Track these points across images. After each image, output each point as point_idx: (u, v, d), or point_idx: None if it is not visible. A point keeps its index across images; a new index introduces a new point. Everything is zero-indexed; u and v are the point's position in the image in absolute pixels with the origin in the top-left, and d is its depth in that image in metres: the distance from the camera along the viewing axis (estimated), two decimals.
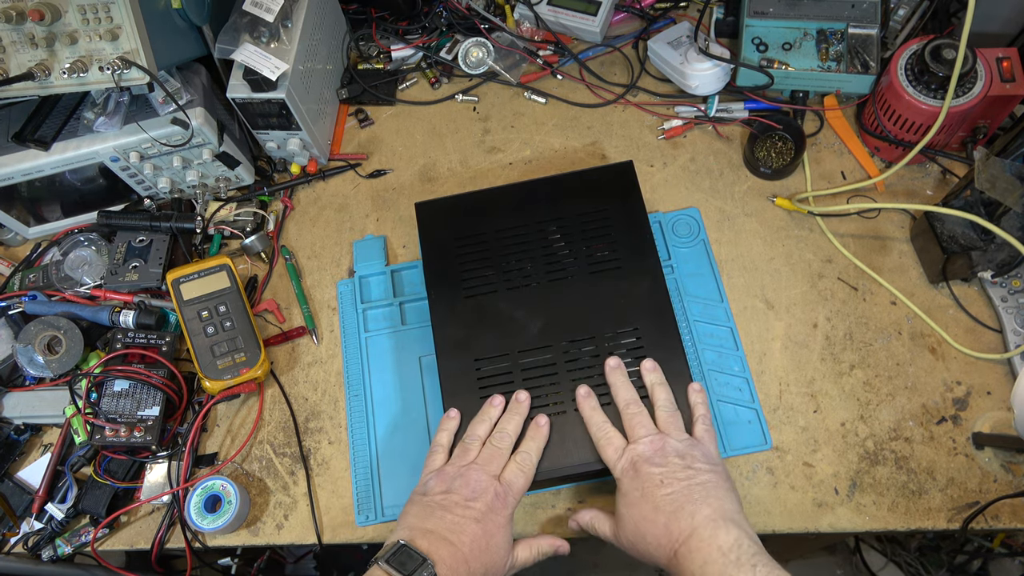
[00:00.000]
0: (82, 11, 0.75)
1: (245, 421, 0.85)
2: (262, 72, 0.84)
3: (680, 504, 0.63)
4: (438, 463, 0.71)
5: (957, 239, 0.79)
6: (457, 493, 0.67)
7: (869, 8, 0.90)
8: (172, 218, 0.92)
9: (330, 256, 0.94)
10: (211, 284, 0.86)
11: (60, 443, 0.83)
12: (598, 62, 1.03)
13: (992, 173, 0.75)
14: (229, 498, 0.77)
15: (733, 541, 0.60)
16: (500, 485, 0.68)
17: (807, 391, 0.79)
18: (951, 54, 0.79)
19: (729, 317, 0.83)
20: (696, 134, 0.96)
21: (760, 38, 0.92)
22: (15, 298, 0.89)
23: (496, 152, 0.99)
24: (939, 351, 0.80)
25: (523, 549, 0.69)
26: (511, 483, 0.68)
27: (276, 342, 0.89)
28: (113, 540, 0.80)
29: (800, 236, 0.88)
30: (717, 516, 0.62)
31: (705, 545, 0.60)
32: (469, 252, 0.82)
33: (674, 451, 0.67)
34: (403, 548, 0.62)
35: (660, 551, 0.62)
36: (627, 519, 0.65)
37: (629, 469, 0.67)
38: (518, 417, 0.73)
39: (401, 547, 0.62)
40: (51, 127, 0.86)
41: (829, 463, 0.76)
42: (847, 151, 0.93)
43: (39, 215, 0.96)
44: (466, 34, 1.04)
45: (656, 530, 0.63)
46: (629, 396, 0.72)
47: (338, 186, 0.99)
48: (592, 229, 0.82)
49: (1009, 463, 0.74)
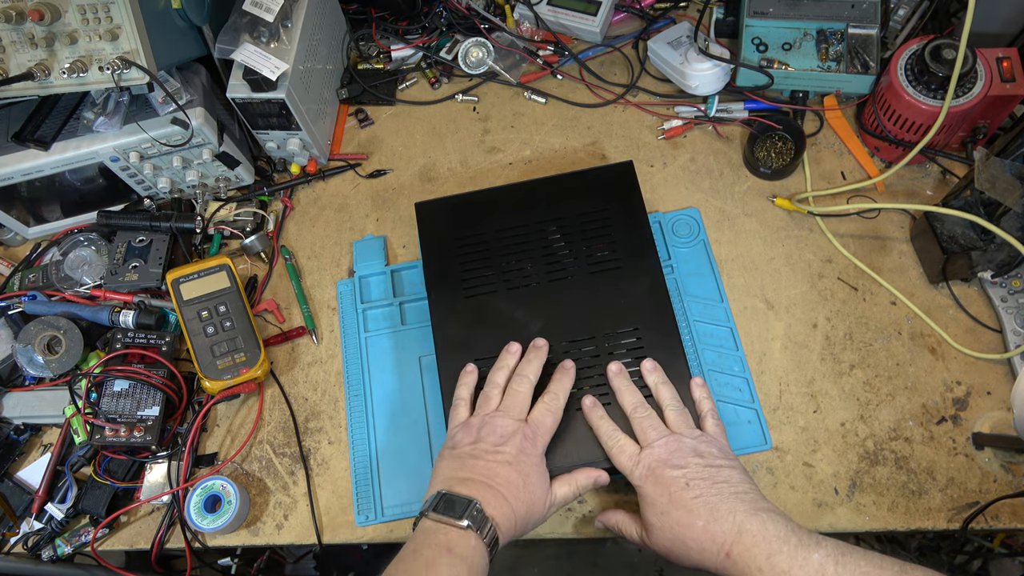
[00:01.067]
0: (82, 11, 0.75)
1: (245, 421, 0.85)
2: (262, 72, 0.84)
3: (714, 505, 0.62)
4: (462, 416, 0.71)
5: (957, 239, 0.79)
6: (485, 441, 0.67)
7: (869, 8, 0.90)
8: (172, 218, 0.92)
9: (330, 256, 0.94)
10: (211, 284, 0.86)
11: (60, 443, 0.83)
12: (598, 62, 1.03)
13: (992, 173, 0.75)
14: (229, 498, 0.77)
15: (783, 526, 0.60)
16: (527, 427, 0.68)
17: (807, 391, 0.79)
18: (951, 54, 0.79)
19: (729, 317, 0.83)
20: (696, 134, 0.96)
21: (760, 38, 0.92)
22: (15, 298, 0.89)
23: (496, 152, 0.99)
24: (939, 351, 0.80)
25: (561, 485, 0.69)
26: (539, 422, 0.69)
27: (276, 342, 0.89)
28: (113, 540, 0.80)
29: (800, 236, 0.88)
30: (755, 509, 0.61)
31: (761, 539, 0.59)
32: (469, 252, 0.82)
33: (691, 450, 0.66)
34: (444, 496, 0.63)
35: (707, 554, 0.62)
36: (661, 528, 0.64)
37: (648, 475, 0.66)
38: (537, 361, 0.73)
39: (442, 495, 0.63)
40: (51, 127, 0.86)
41: (829, 463, 0.76)
42: (847, 151, 0.93)
43: (39, 215, 0.96)
44: (466, 34, 1.04)
45: (696, 533, 0.62)
46: (635, 399, 0.71)
47: (338, 186, 0.99)
48: (592, 229, 0.82)
49: (1009, 463, 0.74)
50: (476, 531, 0.60)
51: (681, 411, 0.70)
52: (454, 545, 0.59)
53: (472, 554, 0.59)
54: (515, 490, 0.64)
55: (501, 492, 0.64)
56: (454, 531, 0.60)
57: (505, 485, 0.64)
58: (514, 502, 0.64)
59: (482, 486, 0.64)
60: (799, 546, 0.58)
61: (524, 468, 0.66)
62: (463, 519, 0.60)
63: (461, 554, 0.59)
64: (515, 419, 0.69)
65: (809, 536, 0.59)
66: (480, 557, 0.60)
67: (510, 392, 0.71)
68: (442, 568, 0.58)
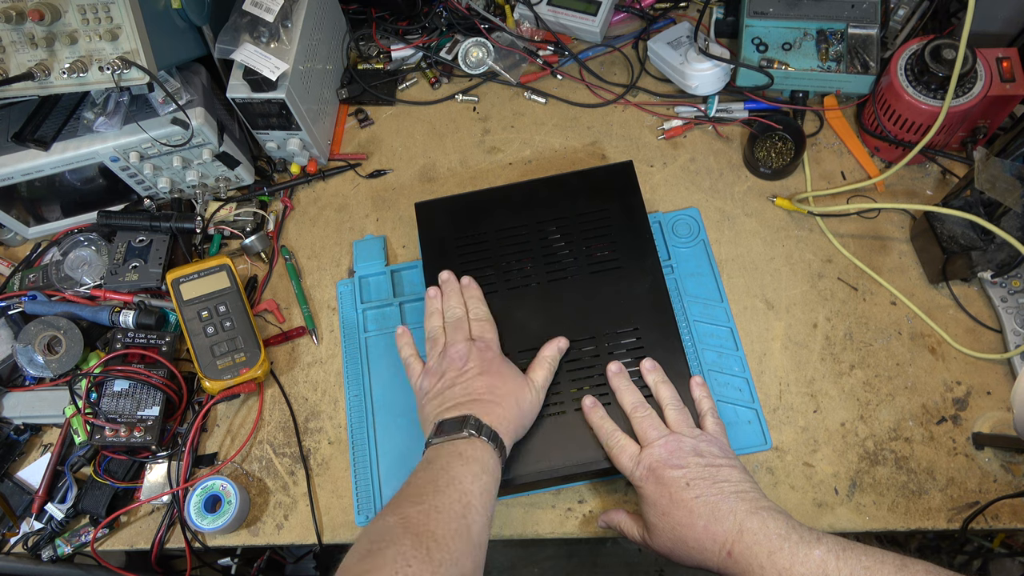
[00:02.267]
0: (82, 11, 0.75)
1: (245, 421, 0.85)
2: (262, 72, 0.84)
3: (715, 504, 0.62)
4: (418, 369, 0.76)
5: (957, 239, 0.79)
6: (450, 371, 0.72)
7: (869, 8, 0.90)
8: (172, 218, 0.92)
9: (330, 256, 0.94)
10: (211, 284, 0.86)
11: (60, 443, 0.83)
12: (598, 62, 1.03)
13: (992, 173, 0.75)
14: (229, 498, 0.77)
15: (784, 524, 0.60)
16: (476, 342, 0.74)
17: (807, 391, 0.79)
18: (951, 54, 0.79)
19: (729, 317, 0.83)
20: (696, 134, 0.96)
21: (760, 38, 0.92)
22: (15, 298, 0.89)
23: (496, 152, 0.99)
24: (939, 351, 0.80)
25: (535, 371, 0.73)
26: (481, 335, 0.75)
27: (276, 342, 0.89)
28: (113, 540, 0.80)
29: (800, 236, 0.88)
30: (756, 507, 0.62)
31: (762, 537, 0.59)
32: (469, 252, 0.82)
33: (691, 449, 0.66)
34: (441, 423, 0.67)
35: (708, 554, 0.62)
36: (662, 528, 0.65)
37: (649, 476, 0.66)
38: (454, 293, 0.79)
39: (439, 424, 0.67)
40: (51, 127, 0.86)
41: (829, 463, 0.76)
42: (847, 151, 0.93)
43: (39, 215, 0.96)
44: (466, 34, 1.04)
45: (697, 534, 0.62)
46: (635, 399, 0.71)
47: (338, 186, 0.99)
48: (592, 229, 0.82)
49: (1009, 463, 0.74)
50: (479, 436, 0.65)
51: (681, 410, 0.70)
52: (463, 450, 0.64)
53: (482, 455, 0.64)
54: (497, 391, 0.69)
55: (486, 399, 0.68)
56: (460, 441, 0.65)
57: (488, 391, 0.69)
58: (502, 401, 0.68)
59: (469, 403, 0.68)
60: (800, 543, 0.58)
61: (494, 368, 0.71)
62: (463, 431, 0.65)
63: (471, 456, 0.64)
64: (463, 340, 0.74)
65: (810, 533, 0.59)
66: (490, 458, 0.65)
67: (448, 325, 0.76)
68: (455, 468, 0.63)
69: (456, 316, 0.76)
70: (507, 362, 0.73)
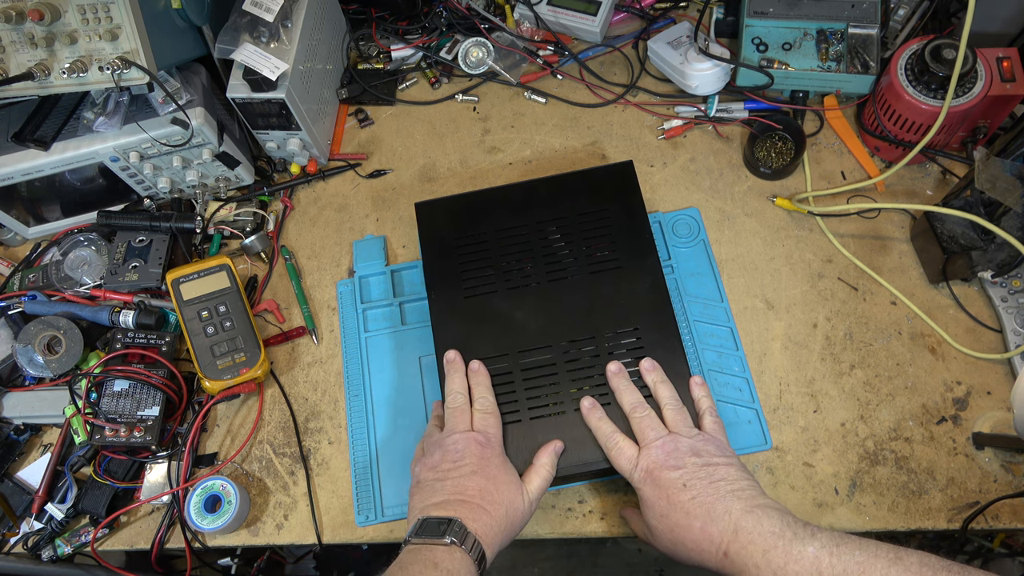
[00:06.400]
0: (82, 11, 0.75)
1: (245, 421, 0.85)
2: (262, 72, 0.84)
3: (710, 505, 0.62)
4: (417, 456, 0.73)
5: (957, 239, 0.79)
6: (444, 463, 0.68)
7: (869, 8, 0.90)
8: (172, 218, 0.92)
9: (330, 256, 0.94)
10: (211, 284, 0.86)
11: (60, 443, 0.83)
12: (598, 62, 1.03)
13: (992, 173, 0.75)
14: (229, 498, 0.77)
15: (779, 521, 0.60)
16: (476, 433, 0.69)
17: (807, 391, 0.79)
18: (951, 54, 0.79)
19: (729, 317, 0.83)
20: (696, 134, 0.96)
21: (760, 38, 0.92)
22: (15, 298, 0.89)
23: (496, 152, 0.99)
24: (939, 351, 0.80)
25: (531, 479, 0.69)
26: (483, 428, 0.70)
27: (276, 342, 0.89)
28: (113, 540, 0.80)
29: (800, 236, 0.88)
30: (751, 506, 0.61)
31: (756, 536, 0.59)
32: (469, 252, 0.82)
33: (688, 450, 0.66)
34: (424, 521, 0.63)
35: (705, 555, 0.62)
36: (661, 530, 0.65)
37: (647, 478, 0.66)
38: (458, 376, 0.75)
39: (422, 521, 0.63)
40: (51, 127, 0.86)
41: (829, 463, 0.76)
42: (847, 151, 0.93)
43: (39, 215, 0.96)
44: (466, 34, 1.04)
45: (693, 535, 0.62)
46: (634, 399, 0.71)
47: (338, 186, 0.99)
48: (592, 229, 0.82)
49: (1009, 463, 0.74)
50: (460, 546, 0.60)
51: (679, 410, 0.70)
52: (440, 560, 0.60)
53: (458, 567, 0.60)
54: (488, 495, 0.65)
55: (476, 503, 0.64)
56: (439, 548, 0.60)
57: (478, 494, 0.65)
58: (491, 508, 0.64)
59: (457, 504, 0.64)
60: (794, 540, 0.58)
61: (489, 471, 0.67)
62: (445, 537, 0.61)
63: (447, 567, 0.59)
64: (462, 432, 0.69)
65: (804, 529, 0.59)
66: (467, 571, 0.60)
67: (446, 413, 0.72)
68: None
69: (458, 404, 0.72)
70: (506, 463, 0.69)
